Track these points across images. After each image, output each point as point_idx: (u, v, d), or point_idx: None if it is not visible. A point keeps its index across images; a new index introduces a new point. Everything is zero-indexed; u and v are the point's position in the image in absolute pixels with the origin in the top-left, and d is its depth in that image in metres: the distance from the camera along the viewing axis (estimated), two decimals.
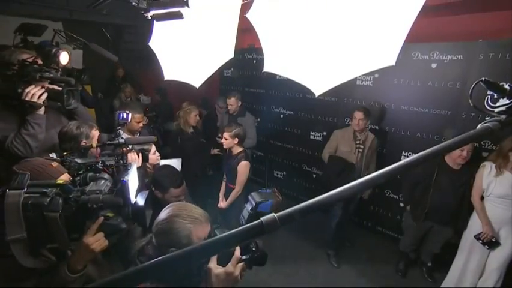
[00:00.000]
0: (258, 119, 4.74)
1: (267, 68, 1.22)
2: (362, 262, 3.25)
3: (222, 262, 0.91)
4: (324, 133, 3.82)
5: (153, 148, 2.16)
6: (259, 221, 0.42)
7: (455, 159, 2.55)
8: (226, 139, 2.52)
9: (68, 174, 1.09)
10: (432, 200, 2.68)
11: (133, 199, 0.95)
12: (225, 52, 1.49)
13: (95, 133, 1.66)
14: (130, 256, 1.06)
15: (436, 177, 2.65)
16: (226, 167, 2.60)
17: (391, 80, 3.25)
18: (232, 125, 2.62)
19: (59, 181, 0.89)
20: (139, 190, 1.05)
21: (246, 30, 1.41)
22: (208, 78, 1.53)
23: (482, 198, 2.48)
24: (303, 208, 0.44)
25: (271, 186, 1.34)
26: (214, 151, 3.60)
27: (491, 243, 2.38)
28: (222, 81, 5.28)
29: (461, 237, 2.66)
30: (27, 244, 0.80)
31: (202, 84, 1.61)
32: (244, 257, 0.93)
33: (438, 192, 2.64)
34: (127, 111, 1.83)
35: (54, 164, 1.12)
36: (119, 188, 0.92)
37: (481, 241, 2.41)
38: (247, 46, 4.51)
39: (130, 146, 1.67)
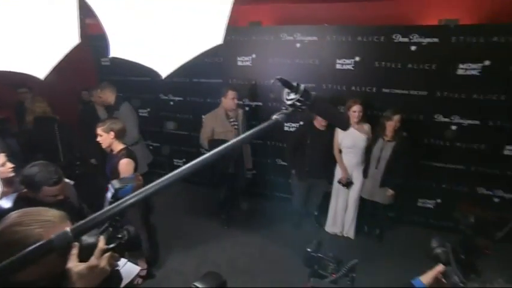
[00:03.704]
0: (148, 109, 4.50)
1: (114, 52, 1.17)
2: (263, 226, 3.61)
3: (84, 257, 0.87)
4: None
5: (1, 159, 1.79)
6: (50, 239, 0.42)
7: (320, 122, 3.08)
8: (101, 135, 2.29)
9: None
10: (310, 159, 3.20)
11: None
12: (69, 37, 1.34)
13: None
14: None
15: (309, 140, 3.16)
16: (108, 168, 2.37)
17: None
18: (107, 119, 2.40)
19: None
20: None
21: None
22: (76, 68, 1.35)
23: (340, 151, 3.14)
24: (97, 218, 0.46)
25: None
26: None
27: (348, 184, 3.09)
28: (99, 71, 4.68)
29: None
30: None
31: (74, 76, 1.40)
32: (111, 246, 0.92)
33: (312, 152, 3.16)
34: None
35: None
36: None
37: (341, 184, 3.08)
38: None
39: None
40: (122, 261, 1.97)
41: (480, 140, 3.13)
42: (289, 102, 0.68)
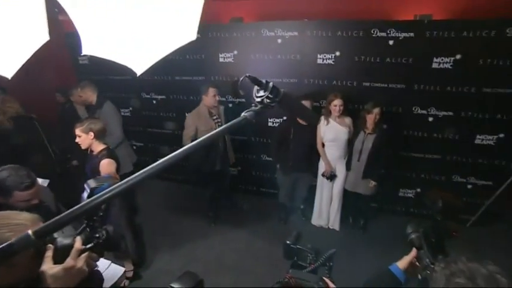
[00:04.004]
0: (130, 108, 4.41)
1: (86, 50, 1.15)
2: (250, 222, 3.63)
3: (61, 259, 0.86)
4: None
5: None
6: (10, 242, 0.42)
7: None
8: (79, 136, 2.23)
9: None
10: (294, 154, 3.24)
11: None
12: (37, 34, 1.30)
13: None
14: None
15: (293, 134, 3.20)
16: (88, 169, 2.32)
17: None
18: (85, 119, 2.34)
19: None
20: None
21: None
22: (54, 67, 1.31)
23: (323, 144, 3.19)
24: (61, 219, 0.45)
25: None
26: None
27: (332, 176, 3.15)
28: (77, 70, 4.54)
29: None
30: None
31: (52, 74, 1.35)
32: (89, 246, 0.91)
33: (296, 146, 3.20)
34: None
35: None
36: None
37: (325, 177, 3.14)
38: None
39: None
40: (107, 263, 1.94)
41: (454, 131, 3.26)
42: (258, 99, 0.69)
